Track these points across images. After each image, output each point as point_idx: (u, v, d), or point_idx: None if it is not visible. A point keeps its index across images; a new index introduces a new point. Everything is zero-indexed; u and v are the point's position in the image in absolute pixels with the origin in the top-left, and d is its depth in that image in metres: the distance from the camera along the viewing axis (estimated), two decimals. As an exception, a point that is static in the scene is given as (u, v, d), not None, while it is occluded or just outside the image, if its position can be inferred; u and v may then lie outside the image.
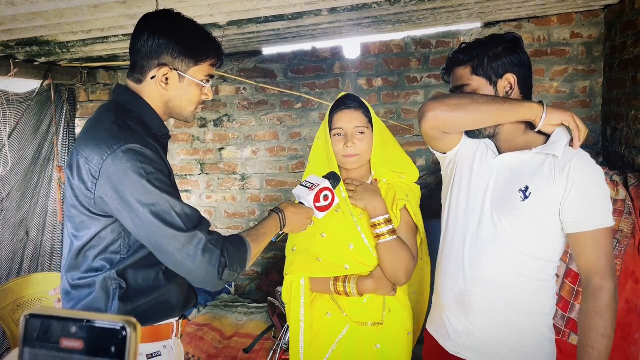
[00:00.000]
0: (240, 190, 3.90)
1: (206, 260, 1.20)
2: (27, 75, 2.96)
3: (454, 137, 1.54)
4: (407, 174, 1.75)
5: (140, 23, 1.33)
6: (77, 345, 0.40)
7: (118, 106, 1.33)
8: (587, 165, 1.37)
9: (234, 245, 1.27)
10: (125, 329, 0.40)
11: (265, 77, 3.70)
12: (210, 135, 3.88)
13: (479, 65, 1.41)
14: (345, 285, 1.62)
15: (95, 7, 1.87)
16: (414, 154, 3.60)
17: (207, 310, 3.33)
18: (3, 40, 2.30)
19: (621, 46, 2.92)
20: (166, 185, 1.24)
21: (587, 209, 1.34)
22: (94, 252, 1.29)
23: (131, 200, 1.20)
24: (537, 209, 1.37)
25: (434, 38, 3.45)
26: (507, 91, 1.42)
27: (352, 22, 2.73)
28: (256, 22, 2.42)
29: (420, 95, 3.53)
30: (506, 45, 1.42)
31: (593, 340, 1.32)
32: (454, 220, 1.53)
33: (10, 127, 2.92)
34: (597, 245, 1.35)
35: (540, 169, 1.39)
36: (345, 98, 1.71)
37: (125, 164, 1.19)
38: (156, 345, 1.36)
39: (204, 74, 1.36)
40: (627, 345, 2.21)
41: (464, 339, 1.48)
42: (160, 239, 1.21)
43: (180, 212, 1.22)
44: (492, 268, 1.43)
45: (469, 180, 1.51)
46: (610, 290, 1.33)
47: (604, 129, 3.25)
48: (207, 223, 1.28)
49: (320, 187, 1.57)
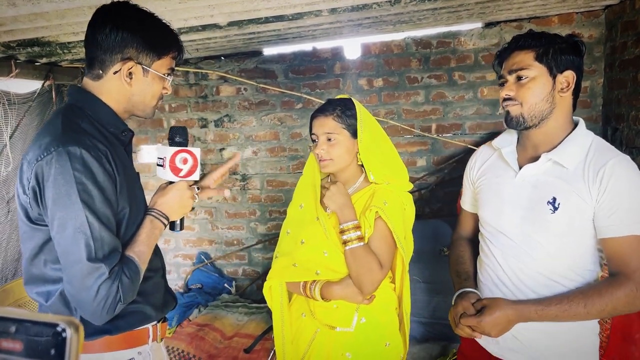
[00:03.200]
0: (241, 191, 3.90)
1: (100, 298, 1.13)
2: (29, 76, 2.96)
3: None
4: (394, 182, 1.70)
5: (99, 15, 1.26)
6: (16, 347, 0.38)
7: (70, 107, 1.27)
8: (625, 167, 1.32)
9: (129, 277, 1.19)
10: (66, 330, 0.38)
11: (265, 78, 3.70)
12: (211, 135, 3.88)
13: (545, 53, 1.36)
14: (311, 289, 1.65)
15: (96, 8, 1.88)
16: (415, 154, 3.60)
17: (208, 310, 3.33)
18: (4, 41, 2.30)
19: (622, 46, 2.92)
20: (94, 200, 1.14)
21: (622, 213, 1.30)
22: (48, 263, 1.22)
23: (52, 208, 1.13)
24: (568, 218, 1.35)
25: (434, 38, 3.45)
26: (563, 87, 1.38)
27: (353, 22, 2.74)
28: (257, 22, 2.42)
29: (420, 96, 3.53)
30: (574, 44, 1.39)
31: (579, 297, 1.31)
32: (489, 234, 1.53)
33: (11, 127, 2.92)
34: (631, 254, 1.29)
35: (565, 175, 1.37)
36: (325, 103, 1.73)
37: (57, 168, 1.12)
38: (129, 352, 1.30)
39: (167, 67, 1.32)
40: (628, 346, 2.21)
41: (509, 343, 1.45)
42: (65, 257, 1.14)
43: (96, 235, 1.14)
44: (533, 279, 1.41)
45: (495, 199, 1.50)
46: (636, 295, 1.28)
47: (604, 129, 3.25)
48: (116, 256, 1.18)
49: (169, 158, 1.36)
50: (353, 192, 1.72)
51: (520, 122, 1.41)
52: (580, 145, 1.39)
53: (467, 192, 1.68)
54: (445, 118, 3.51)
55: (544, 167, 1.40)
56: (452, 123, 3.51)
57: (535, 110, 1.38)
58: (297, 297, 1.80)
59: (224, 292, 3.78)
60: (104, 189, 1.17)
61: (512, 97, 1.40)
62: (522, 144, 1.50)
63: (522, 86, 1.38)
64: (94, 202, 1.14)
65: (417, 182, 3.54)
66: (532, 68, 1.37)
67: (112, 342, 1.27)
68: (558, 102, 1.39)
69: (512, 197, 1.45)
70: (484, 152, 1.64)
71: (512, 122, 1.43)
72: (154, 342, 1.38)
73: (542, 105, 1.38)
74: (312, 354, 1.71)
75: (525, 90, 1.38)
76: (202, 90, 3.83)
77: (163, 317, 1.43)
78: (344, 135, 1.67)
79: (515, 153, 1.50)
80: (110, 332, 1.26)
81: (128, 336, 1.30)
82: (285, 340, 1.74)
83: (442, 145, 3.53)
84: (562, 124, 1.42)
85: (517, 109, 1.40)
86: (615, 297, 1.28)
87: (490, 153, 1.60)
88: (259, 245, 3.90)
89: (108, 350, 1.26)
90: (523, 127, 1.42)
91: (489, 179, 1.55)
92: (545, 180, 1.39)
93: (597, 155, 1.35)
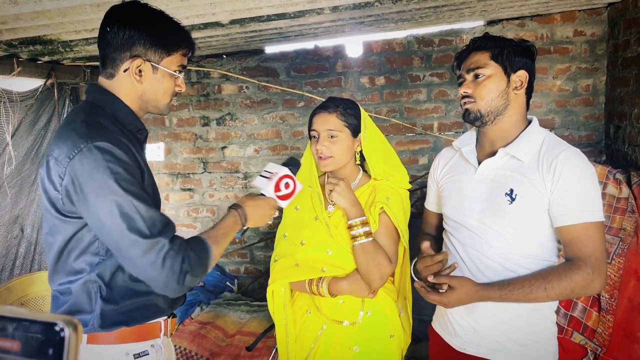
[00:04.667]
0: (243, 189, 3.90)
1: (167, 268, 1.17)
2: (30, 74, 2.97)
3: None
4: (394, 178, 1.75)
5: (109, 15, 1.30)
6: (14, 347, 0.37)
7: (90, 105, 1.30)
8: (575, 159, 1.41)
9: (195, 251, 1.24)
10: (64, 330, 0.37)
11: (267, 76, 3.70)
12: (213, 133, 3.89)
13: (500, 54, 1.47)
14: (319, 286, 1.66)
15: (98, 6, 1.88)
16: (416, 152, 3.60)
17: (210, 308, 3.34)
18: (6, 39, 2.31)
19: (624, 44, 2.91)
20: (133, 186, 1.19)
21: (574, 202, 1.38)
22: (74, 255, 1.26)
23: (95, 200, 1.16)
24: (525, 208, 1.43)
25: (436, 36, 3.44)
26: (516, 86, 1.48)
27: (355, 20, 2.73)
28: (258, 20, 2.42)
29: (422, 94, 3.53)
30: (526, 47, 1.51)
31: (540, 281, 1.37)
32: (451, 229, 1.60)
33: (13, 126, 2.93)
34: (586, 240, 1.38)
35: (520, 168, 1.46)
36: (327, 100, 1.74)
37: (91, 163, 1.16)
38: (143, 345, 1.34)
39: (177, 64, 1.34)
40: (630, 344, 2.21)
41: (470, 336, 1.51)
42: (121, 243, 1.17)
43: (145, 216, 1.18)
44: (492, 269, 1.47)
45: (457, 195, 1.58)
46: (592, 278, 1.36)
47: (606, 127, 3.24)
48: (171, 228, 1.24)
49: (279, 176, 1.54)
50: (354, 189, 1.74)
51: (478, 117, 1.50)
52: (534, 140, 1.48)
53: (432, 193, 1.75)
54: (447, 116, 3.51)
55: (501, 161, 1.49)
56: (454, 121, 3.51)
57: (491, 106, 1.47)
58: (300, 294, 1.80)
59: (226, 290, 3.78)
60: (141, 176, 1.24)
61: (469, 94, 1.49)
62: (480, 142, 1.59)
63: (479, 84, 1.48)
64: (133, 188, 1.19)
65: (418, 180, 3.54)
66: (488, 67, 1.47)
67: (127, 334, 1.31)
68: (512, 99, 1.48)
69: (472, 191, 1.54)
70: (447, 153, 1.72)
71: (470, 118, 1.51)
72: (164, 336, 1.41)
73: (497, 102, 1.47)
74: (318, 349, 1.71)
75: (482, 87, 1.47)
76: (204, 89, 3.84)
77: (172, 312, 1.46)
78: (346, 133, 1.68)
79: (474, 151, 1.59)
80: (127, 323, 1.30)
81: (142, 329, 1.34)
82: (289, 339, 1.74)
83: (444, 144, 3.53)
84: (517, 120, 1.51)
85: (475, 105, 1.49)
86: (574, 280, 1.36)
87: (452, 154, 1.69)
88: (261, 243, 3.91)
89: (124, 342, 1.30)
90: (480, 122, 1.51)
91: (451, 178, 1.63)
92: (502, 174, 1.48)
93: (550, 149, 1.44)
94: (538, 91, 3.36)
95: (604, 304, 2.24)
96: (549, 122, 3.37)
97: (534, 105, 3.37)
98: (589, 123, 3.34)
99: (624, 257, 2.23)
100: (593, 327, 2.26)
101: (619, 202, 2.31)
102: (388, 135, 3.60)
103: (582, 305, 2.28)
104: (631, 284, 2.22)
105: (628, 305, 2.22)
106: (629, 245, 2.24)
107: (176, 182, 3.98)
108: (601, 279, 1.38)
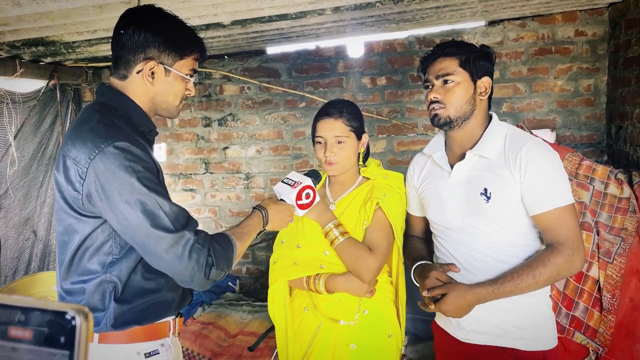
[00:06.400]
0: (244, 189, 3.91)
1: (194, 261, 1.20)
2: (33, 75, 2.98)
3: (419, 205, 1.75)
4: (391, 176, 1.79)
5: (124, 18, 1.33)
6: (25, 335, 0.38)
7: (103, 105, 1.32)
8: (537, 149, 1.48)
9: (220, 244, 1.28)
10: (75, 318, 0.38)
11: (269, 77, 3.71)
12: (214, 134, 3.89)
13: (467, 60, 1.52)
14: (315, 282, 1.68)
15: (100, 7, 1.89)
16: (418, 152, 3.59)
17: (212, 308, 3.34)
18: (9, 40, 2.32)
19: (625, 44, 2.91)
20: (154, 183, 1.22)
21: (542, 191, 1.45)
22: (88, 254, 1.28)
23: (119, 200, 1.18)
24: (501, 204, 1.49)
25: (437, 37, 3.45)
26: (481, 91, 1.55)
27: (356, 21, 2.74)
28: (260, 21, 2.42)
29: (424, 94, 3.53)
30: (487, 53, 1.58)
31: (527, 271, 1.44)
32: (439, 232, 1.66)
33: (16, 127, 2.94)
34: (560, 224, 1.45)
35: (490, 166, 1.52)
36: (330, 106, 1.75)
37: (113, 162, 1.18)
38: (154, 344, 1.36)
39: (189, 68, 1.36)
40: (632, 343, 2.21)
41: (473, 326, 1.56)
42: (147, 240, 1.20)
43: (169, 212, 1.21)
44: (485, 263, 1.54)
45: (438, 200, 1.64)
46: (573, 258, 1.44)
47: (608, 127, 3.24)
48: (194, 222, 1.28)
49: (302, 185, 1.60)
50: (354, 188, 1.78)
51: (447, 122, 1.55)
52: (497, 135, 1.55)
53: (412, 199, 1.79)
54: (449, 116, 3.51)
55: (471, 162, 1.56)
56: (456, 121, 3.51)
57: (460, 112, 1.54)
58: (299, 292, 1.82)
59: (227, 291, 3.78)
60: (157, 175, 1.27)
61: (439, 100, 1.54)
62: (450, 145, 1.65)
63: (449, 90, 1.53)
64: (154, 185, 1.22)
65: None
66: (457, 74, 1.52)
67: (138, 334, 1.33)
68: (478, 104, 1.56)
69: (451, 195, 1.59)
70: (419, 160, 1.79)
71: (440, 122, 1.57)
72: (173, 335, 1.43)
73: (465, 107, 1.54)
74: (316, 346, 1.73)
75: (452, 94, 1.53)
76: (206, 89, 3.84)
77: (179, 312, 1.48)
78: (352, 137, 1.72)
79: (445, 156, 1.64)
80: (139, 322, 1.32)
81: (153, 328, 1.36)
82: (288, 338, 1.76)
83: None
84: (481, 122, 1.58)
85: (445, 111, 1.54)
86: (557, 263, 1.43)
87: (425, 159, 1.75)
88: (263, 243, 3.91)
89: (135, 341, 1.32)
90: (448, 127, 1.57)
91: (429, 184, 1.68)
92: (475, 174, 1.55)
93: (513, 143, 1.51)
94: (539, 91, 3.36)
95: (605, 303, 2.24)
96: (550, 122, 3.37)
97: (535, 105, 3.38)
98: (590, 123, 3.34)
99: (625, 257, 2.23)
100: (595, 327, 2.26)
101: (620, 202, 2.31)
102: (389, 135, 3.61)
103: (583, 305, 2.28)
104: (633, 283, 2.22)
105: (630, 305, 2.21)
106: (631, 245, 2.24)
107: (178, 182, 3.99)
108: (581, 257, 1.46)
